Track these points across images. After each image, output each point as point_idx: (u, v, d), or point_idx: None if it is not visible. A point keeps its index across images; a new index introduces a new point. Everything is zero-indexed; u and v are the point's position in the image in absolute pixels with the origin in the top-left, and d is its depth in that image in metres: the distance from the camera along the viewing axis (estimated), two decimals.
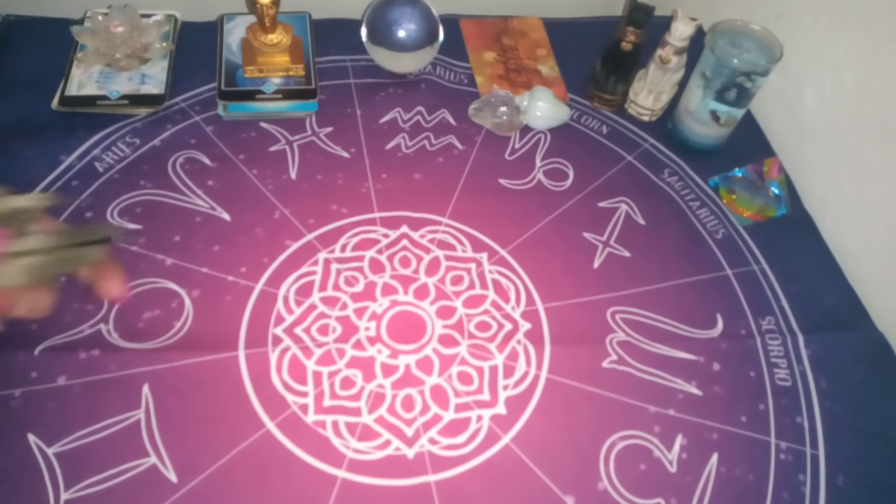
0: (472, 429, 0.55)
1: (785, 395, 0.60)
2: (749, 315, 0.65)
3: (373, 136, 0.74)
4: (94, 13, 0.73)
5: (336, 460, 0.52)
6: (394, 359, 0.58)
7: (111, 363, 0.54)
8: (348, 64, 0.80)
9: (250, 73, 0.73)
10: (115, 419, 0.52)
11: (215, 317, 0.58)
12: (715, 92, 0.70)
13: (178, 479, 0.50)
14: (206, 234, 0.63)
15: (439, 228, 0.67)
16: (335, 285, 0.62)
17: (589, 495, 0.52)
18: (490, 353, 0.59)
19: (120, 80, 0.72)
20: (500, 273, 0.64)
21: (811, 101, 0.75)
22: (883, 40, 0.65)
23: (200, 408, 0.53)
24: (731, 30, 0.70)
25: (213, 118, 0.72)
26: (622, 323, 0.62)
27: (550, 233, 0.68)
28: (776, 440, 0.57)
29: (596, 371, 0.59)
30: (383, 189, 0.69)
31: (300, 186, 0.68)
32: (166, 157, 0.68)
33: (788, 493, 0.54)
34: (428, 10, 0.76)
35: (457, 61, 0.83)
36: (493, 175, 0.72)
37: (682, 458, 0.55)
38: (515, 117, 0.75)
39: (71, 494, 0.48)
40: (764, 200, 0.72)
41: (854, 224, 0.71)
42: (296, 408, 0.54)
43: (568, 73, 0.83)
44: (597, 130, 0.79)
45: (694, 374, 0.60)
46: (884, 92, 0.66)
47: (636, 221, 0.70)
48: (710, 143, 0.76)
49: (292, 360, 0.57)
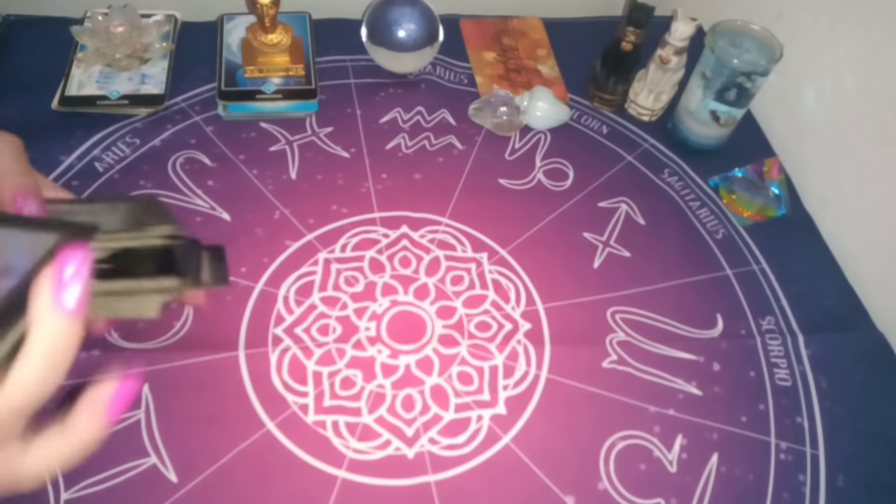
0: (473, 429, 0.55)
1: (785, 395, 0.60)
2: (749, 315, 0.65)
3: (373, 136, 0.74)
4: (94, 13, 0.73)
5: (336, 460, 0.52)
6: (394, 359, 0.58)
7: (111, 363, 0.54)
8: (348, 64, 0.80)
9: (250, 73, 0.73)
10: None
11: (215, 317, 0.58)
12: (715, 92, 0.70)
13: (178, 479, 0.50)
14: (206, 234, 0.63)
15: (439, 228, 0.67)
16: (335, 285, 0.62)
17: (589, 495, 0.52)
18: (490, 353, 0.59)
19: (120, 80, 0.72)
20: (500, 273, 0.64)
21: (811, 101, 0.75)
22: (883, 40, 0.65)
23: (201, 408, 0.53)
24: (731, 30, 0.70)
25: (213, 118, 0.72)
26: (622, 323, 0.62)
27: (550, 233, 0.68)
28: (776, 440, 0.57)
29: (596, 371, 0.59)
30: (383, 189, 0.69)
31: (300, 186, 0.68)
32: (166, 157, 0.68)
33: (788, 493, 0.54)
34: (428, 10, 0.76)
35: (457, 61, 0.83)
36: (493, 175, 0.72)
37: (682, 458, 0.55)
38: (515, 117, 0.75)
39: (71, 494, 0.48)
40: (764, 200, 0.72)
41: (854, 224, 0.71)
42: (296, 408, 0.54)
43: (568, 73, 0.83)
44: (597, 130, 0.79)
45: (694, 374, 0.60)
46: (884, 92, 0.66)
47: (636, 221, 0.70)
48: (710, 143, 0.76)
49: (292, 360, 0.57)
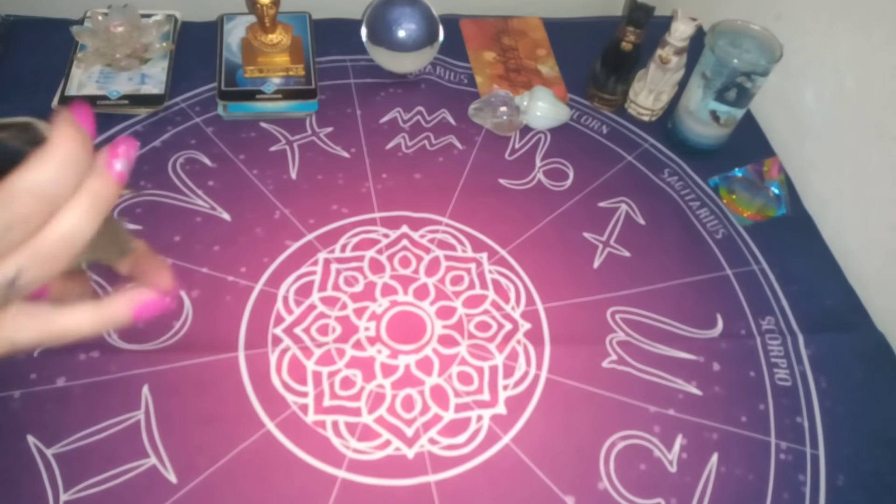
0: (472, 429, 0.55)
1: (785, 395, 0.60)
2: (749, 315, 0.65)
3: (373, 136, 0.74)
4: (94, 13, 0.73)
5: (336, 460, 0.52)
6: (394, 359, 0.58)
7: (111, 364, 0.54)
8: (348, 64, 0.80)
9: (250, 73, 0.73)
10: (114, 420, 0.52)
11: (215, 317, 0.58)
12: (715, 92, 0.70)
13: (178, 480, 0.50)
14: (206, 235, 0.63)
15: (439, 228, 0.67)
16: (335, 285, 0.62)
17: (589, 495, 0.52)
18: (490, 353, 0.59)
19: (120, 80, 0.72)
20: (500, 273, 0.64)
21: (811, 101, 0.75)
22: (883, 40, 0.65)
23: (200, 408, 0.53)
24: (731, 30, 0.70)
25: (214, 118, 0.72)
26: (622, 323, 0.62)
27: (550, 233, 0.68)
28: (776, 440, 0.57)
29: (596, 371, 0.59)
30: (383, 189, 0.69)
31: (300, 186, 0.68)
32: (166, 157, 0.68)
33: (788, 493, 0.54)
34: (428, 10, 0.76)
35: (457, 61, 0.83)
36: (493, 175, 0.72)
37: (682, 458, 0.55)
38: (515, 117, 0.75)
39: (70, 495, 0.48)
40: (764, 200, 0.72)
41: (854, 224, 0.71)
42: (296, 408, 0.54)
43: (568, 73, 0.83)
44: (597, 130, 0.79)
45: (694, 374, 0.60)
46: (884, 92, 0.66)
47: (636, 221, 0.70)
48: (710, 143, 0.76)
49: (292, 360, 0.57)
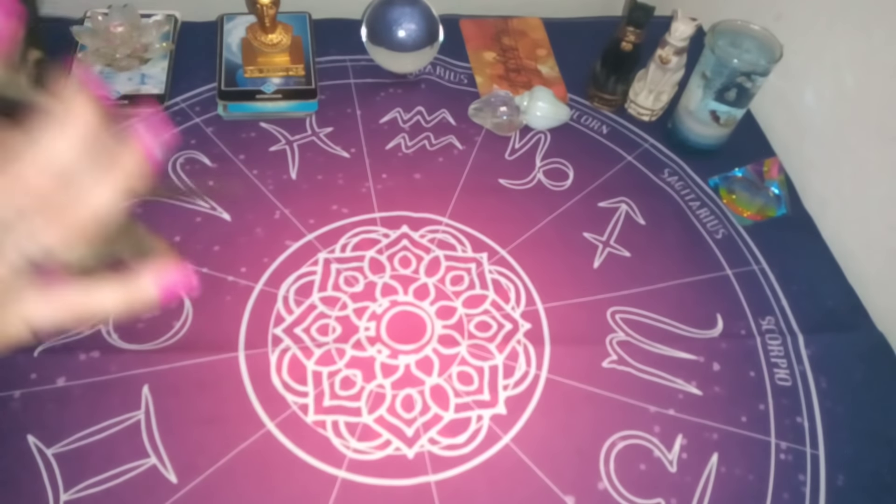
0: (472, 429, 0.55)
1: (785, 395, 0.60)
2: (749, 315, 0.65)
3: (373, 136, 0.74)
4: (94, 13, 0.73)
5: (336, 460, 0.52)
6: (394, 359, 0.58)
7: (111, 364, 0.54)
8: (348, 64, 0.80)
9: (250, 73, 0.73)
10: (114, 420, 0.52)
11: (215, 317, 0.58)
12: (715, 92, 0.70)
13: (178, 480, 0.50)
14: (206, 235, 0.63)
15: (439, 228, 0.67)
16: (335, 285, 0.62)
17: (589, 495, 0.52)
18: (490, 353, 0.59)
19: (120, 80, 0.72)
20: (500, 273, 0.64)
21: (811, 101, 0.75)
22: (883, 40, 0.65)
23: (200, 408, 0.53)
24: (731, 30, 0.70)
25: (213, 118, 0.72)
26: (622, 323, 0.62)
27: (550, 233, 0.68)
28: (776, 440, 0.57)
29: (596, 371, 0.59)
30: (383, 189, 0.69)
31: (300, 186, 0.68)
32: (166, 157, 0.68)
33: (788, 493, 0.54)
34: (428, 10, 0.76)
35: (457, 61, 0.83)
36: (493, 175, 0.72)
37: (682, 458, 0.55)
38: (515, 117, 0.75)
39: (70, 495, 0.48)
40: (764, 200, 0.72)
41: (854, 224, 0.71)
42: (296, 408, 0.54)
43: (568, 73, 0.83)
44: (597, 130, 0.79)
45: (694, 374, 0.60)
46: (884, 92, 0.66)
47: (636, 221, 0.70)
48: (710, 143, 0.76)
49: (292, 360, 0.57)
